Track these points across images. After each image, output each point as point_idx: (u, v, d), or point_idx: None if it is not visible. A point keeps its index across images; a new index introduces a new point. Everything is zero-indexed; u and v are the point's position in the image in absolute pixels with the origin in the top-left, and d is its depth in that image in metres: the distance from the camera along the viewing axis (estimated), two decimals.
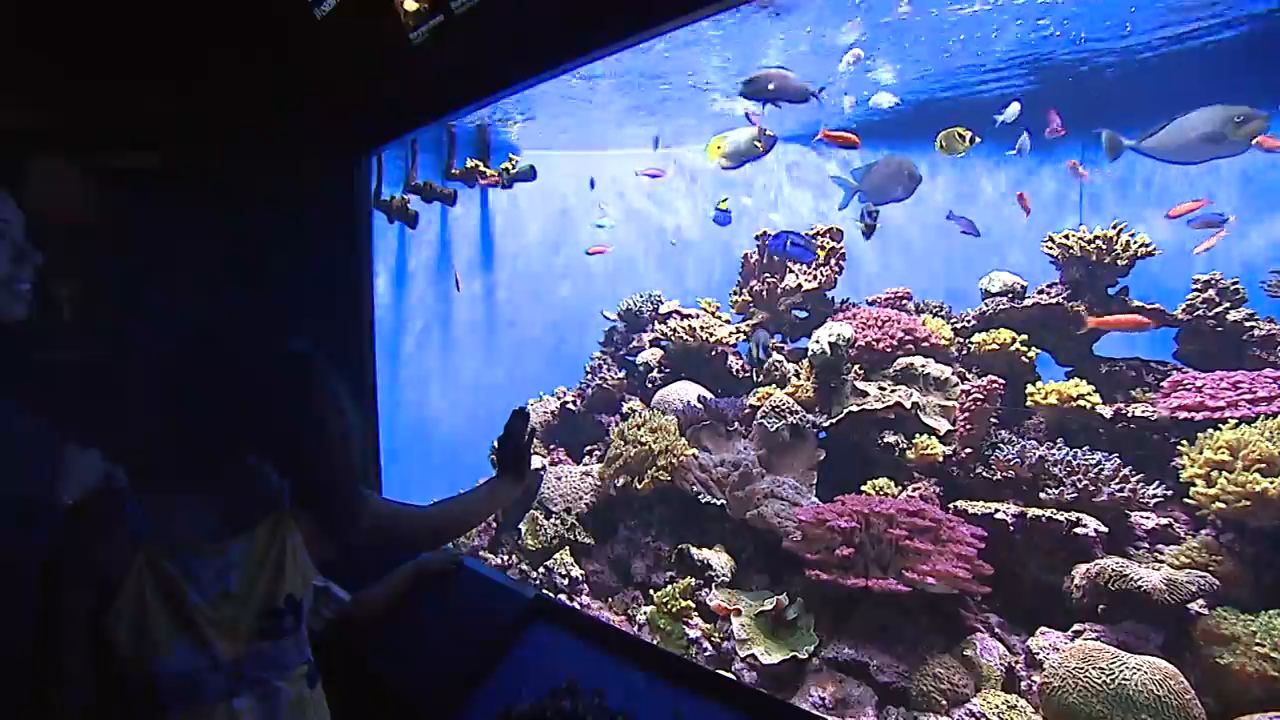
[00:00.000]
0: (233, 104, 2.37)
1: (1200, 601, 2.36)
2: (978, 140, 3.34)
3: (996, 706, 2.27)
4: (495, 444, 1.67)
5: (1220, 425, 2.60)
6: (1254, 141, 2.56)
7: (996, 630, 2.60)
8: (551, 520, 3.70)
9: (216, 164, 2.44)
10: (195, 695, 1.00)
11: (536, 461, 4.18)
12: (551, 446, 4.31)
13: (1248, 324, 3.09)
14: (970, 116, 3.63)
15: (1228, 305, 3.13)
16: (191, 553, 1.03)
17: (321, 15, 2.08)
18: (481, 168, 5.09)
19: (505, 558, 3.94)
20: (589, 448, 4.10)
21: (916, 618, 2.56)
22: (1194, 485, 2.50)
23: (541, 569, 3.56)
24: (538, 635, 1.97)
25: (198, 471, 1.07)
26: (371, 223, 3.01)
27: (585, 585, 3.49)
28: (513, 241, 6.09)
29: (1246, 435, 2.43)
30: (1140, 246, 3.31)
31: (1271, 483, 2.26)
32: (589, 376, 4.34)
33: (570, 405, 4.33)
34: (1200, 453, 2.53)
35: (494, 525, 4.14)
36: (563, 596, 3.48)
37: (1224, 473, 2.41)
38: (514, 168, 5.23)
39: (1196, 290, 3.25)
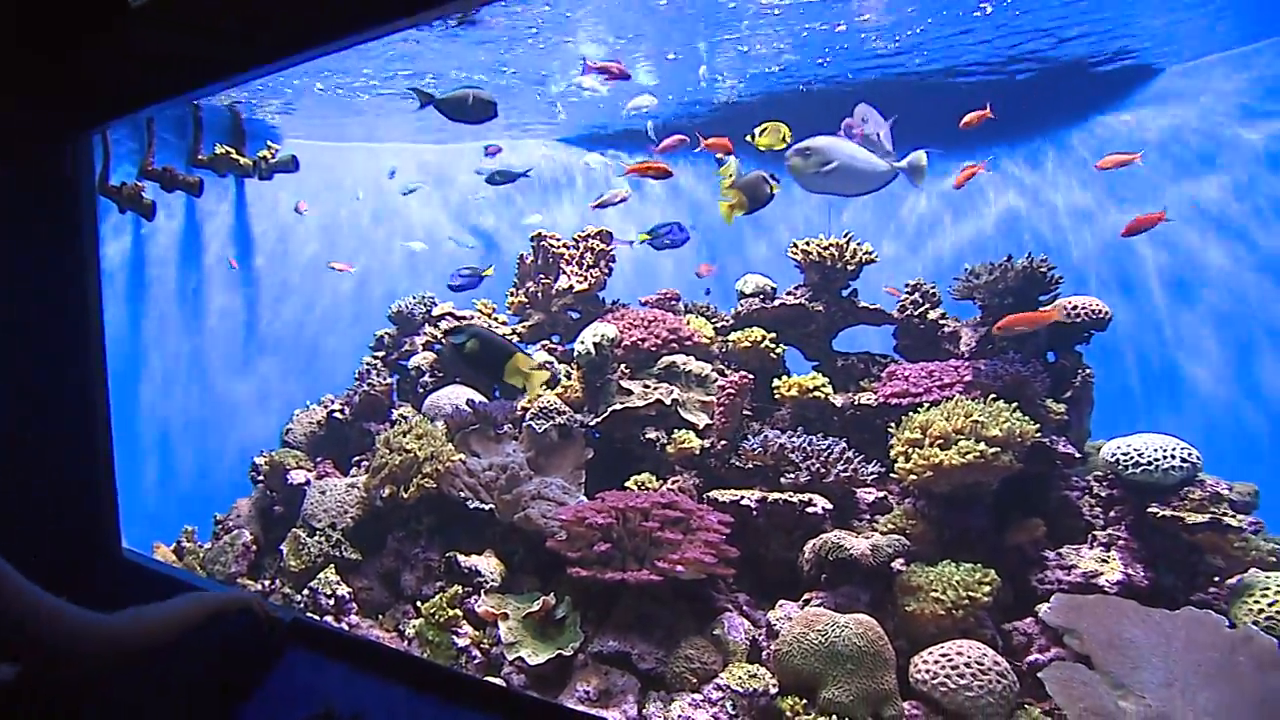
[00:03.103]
0: None
1: (900, 560, 2.75)
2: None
3: (740, 678, 2.46)
4: None
5: (918, 409, 3.05)
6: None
7: (744, 608, 2.83)
8: (315, 538, 3.46)
9: None
10: None
11: (300, 475, 3.88)
12: (318, 459, 4.02)
13: (941, 322, 3.64)
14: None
15: (928, 306, 3.67)
16: None
17: None
18: (233, 154, 4.59)
19: (267, 582, 3.63)
20: (357, 458, 3.87)
21: (672, 604, 2.71)
22: (897, 461, 2.90)
23: (306, 590, 3.31)
24: (295, 660, 1.85)
25: None
26: (97, 213, 2.63)
27: (354, 604, 3.30)
28: (276, 239, 5.57)
29: (932, 416, 2.86)
30: (865, 254, 3.78)
31: (947, 455, 2.68)
32: (357, 383, 4.09)
33: (338, 414, 4.06)
34: (902, 433, 2.94)
35: (253, 549, 3.78)
36: (329, 617, 3.26)
37: (916, 449, 2.82)
38: (273, 157, 4.79)
39: (907, 293, 3.77)
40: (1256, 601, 2.37)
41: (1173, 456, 2.71)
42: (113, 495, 2.59)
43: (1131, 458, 2.79)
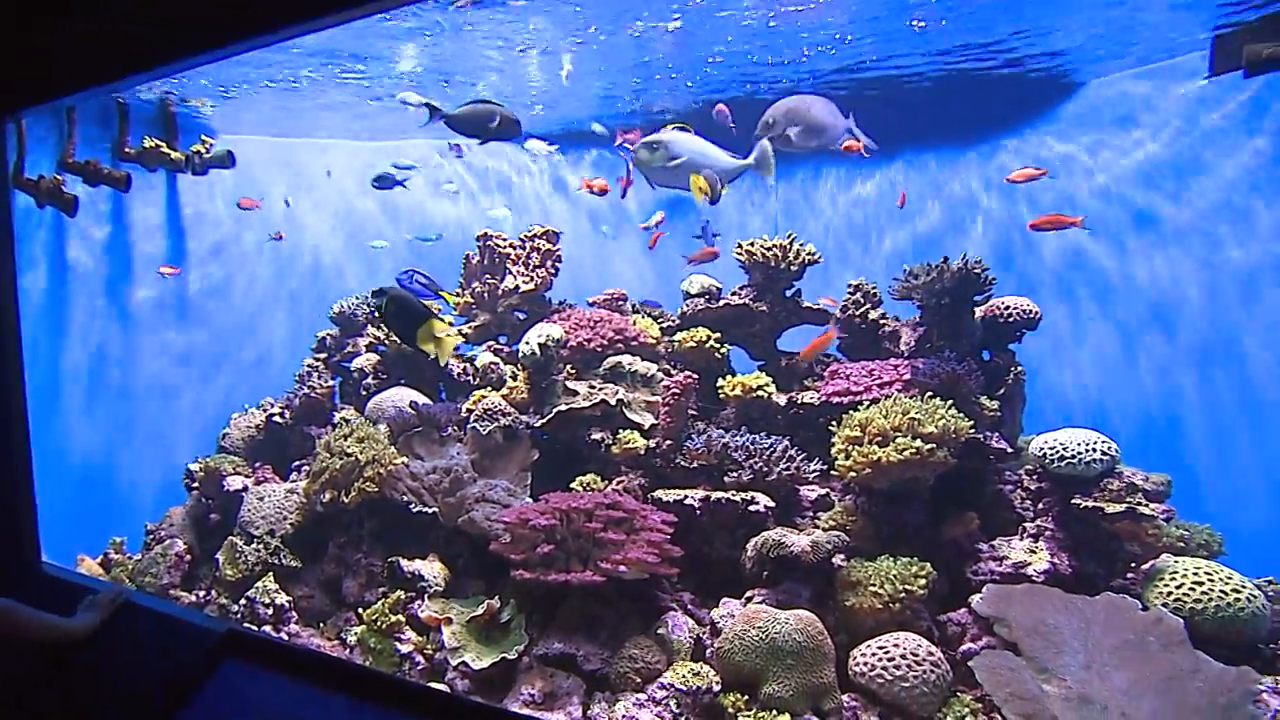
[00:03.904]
0: None
1: (840, 556, 2.81)
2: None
3: (683, 676, 2.47)
4: None
5: (859, 407, 3.11)
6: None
7: (689, 607, 2.85)
8: (253, 546, 3.36)
9: None
10: None
11: (237, 482, 3.76)
12: (256, 465, 3.90)
13: (881, 321, 3.73)
14: None
15: (869, 306, 3.75)
16: None
17: None
18: (164, 149, 4.41)
19: (202, 593, 3.52)
20: (297, 463, 3.78)
21: (617, 605, 2.72)
22: (837, 459, 2.95)
23: (243, 600, 3.22)
24: (231, 673, 1.82)
25: None
26: (11, 208, 2.52)
27: (293, 612, 3.23)
28: (212, 237, 5.37)
29: (871, 414, 2.92)
30: (808, 255, 3.84)
31: (885, 452, 2.75)
32: (298, 386, 3.99)
33: (277, 418, 3.95)
34: (842, 431, 3.00)
35: (187, 559, 3.66)
36: (267, 627, 3.18)
37: (856, 446, 2.88)
38: (208, 151, 4.62)
39: (849, 293, 3.85)
40: (1166, 585, 2.50)
41: (1094, 450, 2.84)
42: (31, 506, 2.49)
43: (1057, 451, 2.91)
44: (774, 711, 2.32)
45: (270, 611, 3.17)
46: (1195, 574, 2.47)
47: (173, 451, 4.61)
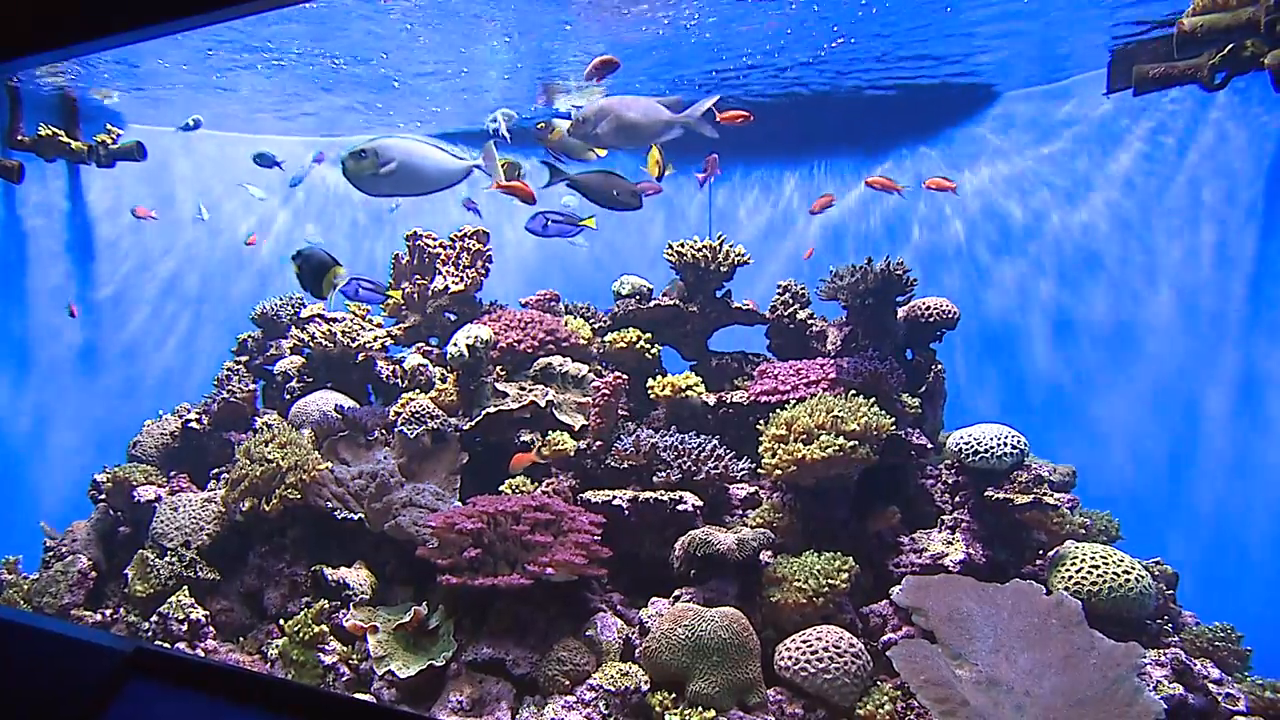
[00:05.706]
0: None
1: (767, 553, 2.86)
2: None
3: (612, 676, 2.48)
4: None
5: (786, 406, 3.17)
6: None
7: (618, 607, 2.86)
8: (166, 559, 3.21)
9: None
10: None
11: (150, 492, 3.58)
12: (171, 474, 3.72)
13: (809, 322, 3.82)
14: None
15: (798, 306, 3.84)
16: None
17: None
18: (63, 137, 4.15)
19: (109, 612, 3.34)
20: (216, 471, 3.62)
21: (547, 608, 2.71)
22: (764, 457, 3.01)
23: (155, 617, 3.07)
24: (138, 694, 1.73)
25: None
26: None
27: (210, 627, 3.09)
28: (120, 232, 5.09)
29: (796, 412, 2.99)
30: (737, 256, 3.90)
31: (809, 450, 2.82)
32: (217, 390, 3.83)
33: (194, 424, 3.78)
34: (769, 429, 3.06)
35: (92, 576, 3.46)
36: (182, 644, 3.04)
37: (782, 444, 2.94)
38: (114, 142, 4.37)
39: (778, 294, 3.93)
40: (1067, 570, 2.65)
41: (1005, 444, 2.98)
42: None
43: (972, 446, 3.04)
44: (700, 709, 2.35)
45: (185, 628, 3.03)
46: (1092, 558, 2.63)
47: (77, 463, 4.36)
